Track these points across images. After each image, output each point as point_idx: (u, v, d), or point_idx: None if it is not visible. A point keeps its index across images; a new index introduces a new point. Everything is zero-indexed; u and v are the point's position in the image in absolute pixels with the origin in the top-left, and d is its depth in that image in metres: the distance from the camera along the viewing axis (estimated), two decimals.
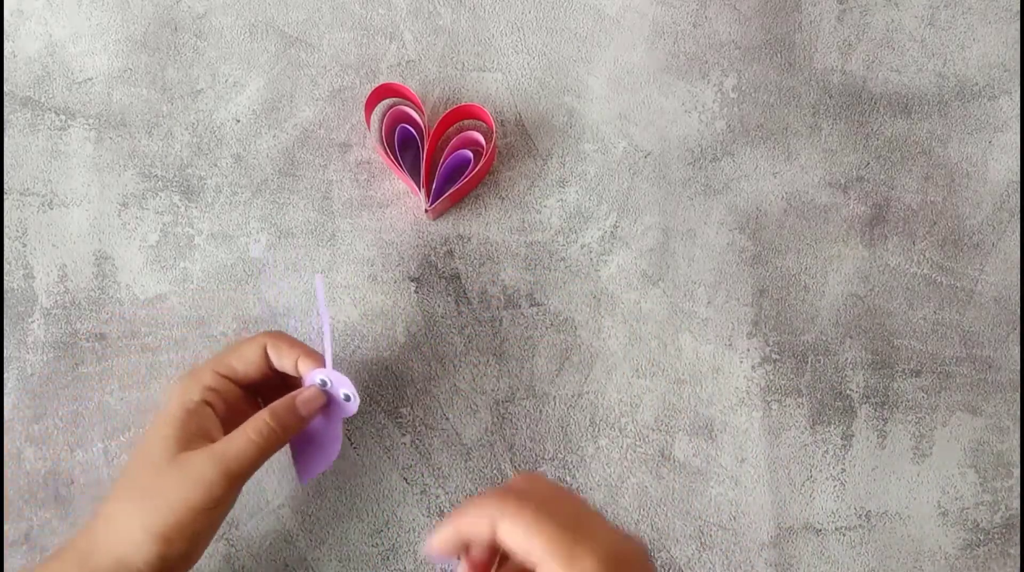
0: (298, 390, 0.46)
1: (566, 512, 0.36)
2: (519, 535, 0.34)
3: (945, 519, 0.55)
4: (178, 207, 0.56)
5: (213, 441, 0.43)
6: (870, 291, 0.57)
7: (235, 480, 0.43)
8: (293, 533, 0.54)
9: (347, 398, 0.47)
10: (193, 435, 0.43)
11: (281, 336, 0.47)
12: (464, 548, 0.38)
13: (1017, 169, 0.58)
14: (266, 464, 0.54)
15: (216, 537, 0.53)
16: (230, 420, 0.45)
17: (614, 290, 0.56)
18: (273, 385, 0.48)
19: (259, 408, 0.47)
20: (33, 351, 0.55)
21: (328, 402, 0.47)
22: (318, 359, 0.46)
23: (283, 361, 0.46)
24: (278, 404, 0.45)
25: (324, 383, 0.46)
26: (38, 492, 0.54)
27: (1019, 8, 0.59)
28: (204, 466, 0.42)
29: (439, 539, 0.37)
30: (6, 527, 0.53)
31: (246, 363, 0.46)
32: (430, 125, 0.55)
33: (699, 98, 0.58)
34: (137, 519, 0.41)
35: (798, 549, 0.55)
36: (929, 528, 0.55)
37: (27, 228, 0.56)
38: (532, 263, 0.56)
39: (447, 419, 0.55)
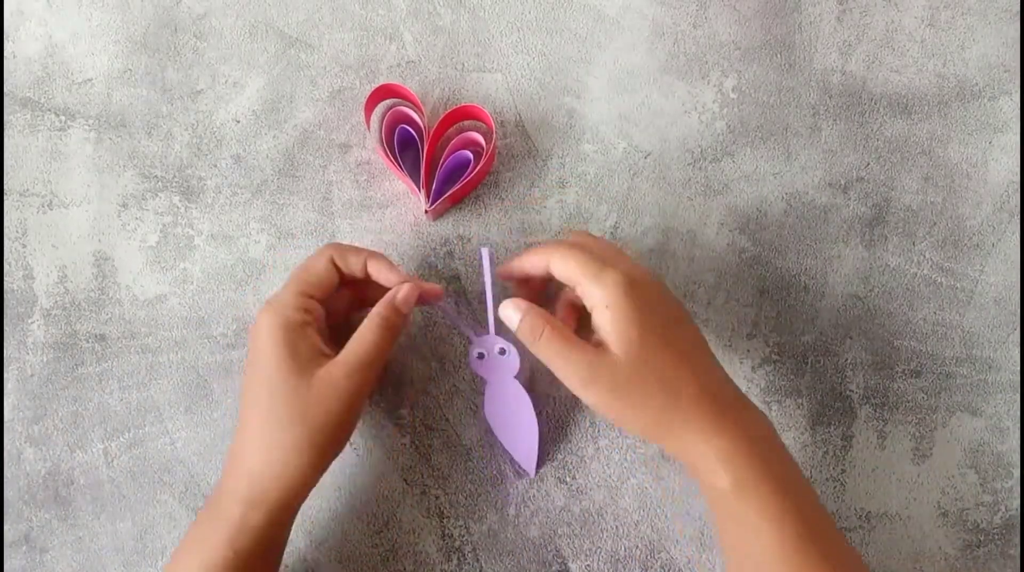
0: (395, 289, 0.48)
1: (600, 249, 0.48)
2: (562, 265, 0.46)
3: (945, 520, 0.55)
4: (178, 208, 0.56)
5: (328, 357, 0.46)
6: (870, 292, 0.57)
7: (370, 372, 0.46)
8: (293, 533, 0.54)
9: (502, 352, 0.52)
10: (309, 355, 0.46)
11: (342, 245, 0.49)
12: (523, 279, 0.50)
13: (1017, 169, 0.58)
14: None
15: None
16: (327, 337, 0.48)
17: None
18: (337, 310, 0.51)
19: (332, 331, 0.50)
20: (33, 352, 0.55)
21: (491, 375, 0.52)
22: (382, 260, 0.49)
23: (351, 266, 0.49)
24: (380, 305, 0.48)
25: (481, 355, 0.52)
26: (38, 492, 0.54)
27: (1019, 8, 0.59)
28: (342, 372, 0.45)
29: (507, 268, 0.50)
30: (6, 527, 0.53)
31: (320, 277, 0.48)
32: (430, 126, 0.55)
33: (699, 99, 0.58)
34: (301, 440, 0.44)
35: None
36: (929, 529, 0.55)
37: (27, 229, 0.56)
38: None
39: (447, 419, 0.55)
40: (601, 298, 0.44)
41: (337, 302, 0.51)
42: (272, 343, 0.45)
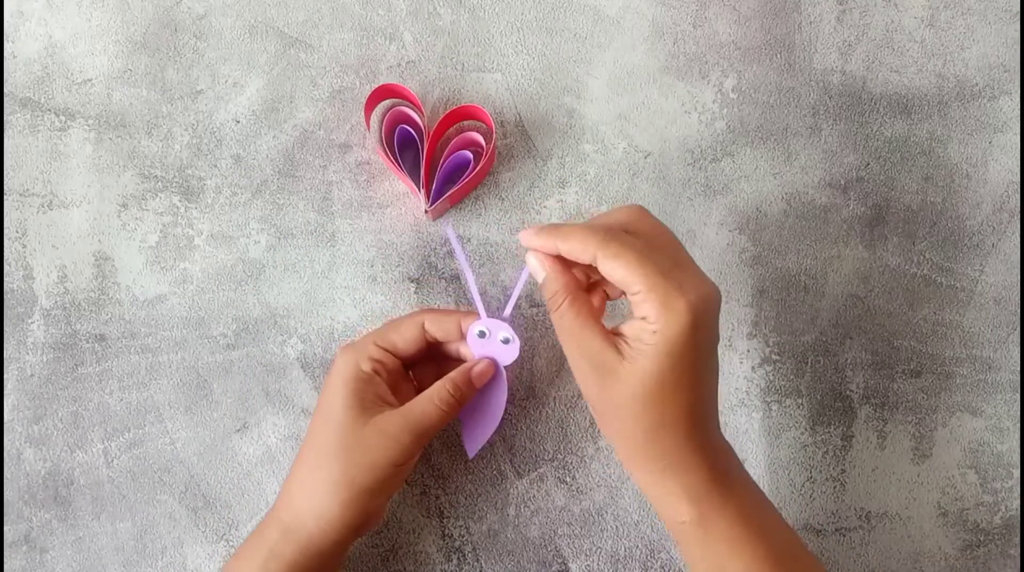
0: (472, 362, 0.49)
1: (665, 255, 0.41)
2: (620, 271, 0.40)
3: (945, 520, 0.55)
4: (178, 208, 0.56)
5: (391, 406, 0.47)
6: (870, 292, 0.57)
7: (423, 439, 0.46)
8: None
9: (506, 341, 0.49)
10: (372, 401, 0.47)
11: (434, 310, 0.50)
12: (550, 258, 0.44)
13: (1017, 170, 0.58)
14: (266, 466, 0.54)
15: (216, 537, 0.53)
16: (393, 389, 0.48)
17: None
18: (424, 358, 0.51)
19: (411, 381, 0.51)
20: (33, 352, 0.55)
21: (483, 355, 0.50)
22: (476, 317, 0.49)
23: (447, 330, 0.49)
24: (456, 375, 0.48)
25: (483, 333, 0.49)
26: (38, 492, 0.54)
27: (1019, 8, 0.59)
28: (397, 427, 0.46)
29: (540, 242, 0.43)
30: (6, 527, 0.53)
31: (406, 340, 0.49)
32: (430, 126, 0.55)
33: (699, 99, 0.58)
34: (338, 478, 0.45)
35: None
36: (929, 529, 0.55)
37: (27, 229, 0.56)
38: None
39: None
40: (655, 319, 0.40)
41: (422, 361, 0.51)
42: (340, 382, 0.47)
